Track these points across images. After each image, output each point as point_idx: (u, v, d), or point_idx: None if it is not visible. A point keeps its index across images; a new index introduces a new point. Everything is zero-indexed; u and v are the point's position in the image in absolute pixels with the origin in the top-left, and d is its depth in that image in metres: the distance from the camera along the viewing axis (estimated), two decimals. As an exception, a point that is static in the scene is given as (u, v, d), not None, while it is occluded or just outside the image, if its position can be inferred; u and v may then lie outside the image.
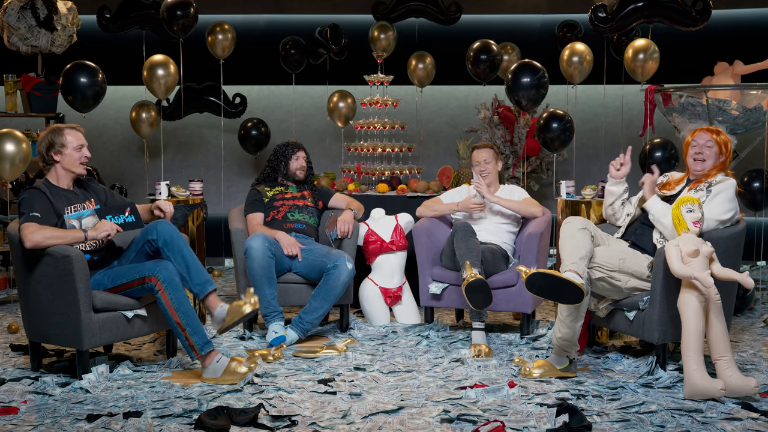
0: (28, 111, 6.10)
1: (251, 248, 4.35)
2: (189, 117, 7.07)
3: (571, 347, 3.71)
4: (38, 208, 3.66)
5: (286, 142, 4.95)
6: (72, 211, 3.79)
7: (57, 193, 3.79)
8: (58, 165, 3.82)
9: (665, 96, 5.64)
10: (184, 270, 3.74)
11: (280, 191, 4.85)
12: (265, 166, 5.00)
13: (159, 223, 3.81)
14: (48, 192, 3.74)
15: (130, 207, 3.86)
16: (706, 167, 3.88)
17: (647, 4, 5.67)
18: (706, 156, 3.87)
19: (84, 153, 3.84)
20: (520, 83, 5.47)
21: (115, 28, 6.70)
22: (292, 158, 4.87)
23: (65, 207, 3.78)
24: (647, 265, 3.76)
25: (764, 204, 5.57)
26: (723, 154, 3.87)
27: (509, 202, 4.57)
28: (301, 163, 4.88)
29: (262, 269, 4.32)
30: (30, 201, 3.69)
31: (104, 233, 3.67)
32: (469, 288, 4.01)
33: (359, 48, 7.02)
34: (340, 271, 4.39)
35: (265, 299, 4.34)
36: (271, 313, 4.36)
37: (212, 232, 6.08)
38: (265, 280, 4.34)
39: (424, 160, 6.97)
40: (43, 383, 3.62)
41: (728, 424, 3.10)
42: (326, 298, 4.39)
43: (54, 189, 3.80)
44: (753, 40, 7.06)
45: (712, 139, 3.86)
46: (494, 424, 3.05)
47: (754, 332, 4.65)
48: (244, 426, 3.10)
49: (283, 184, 4.90)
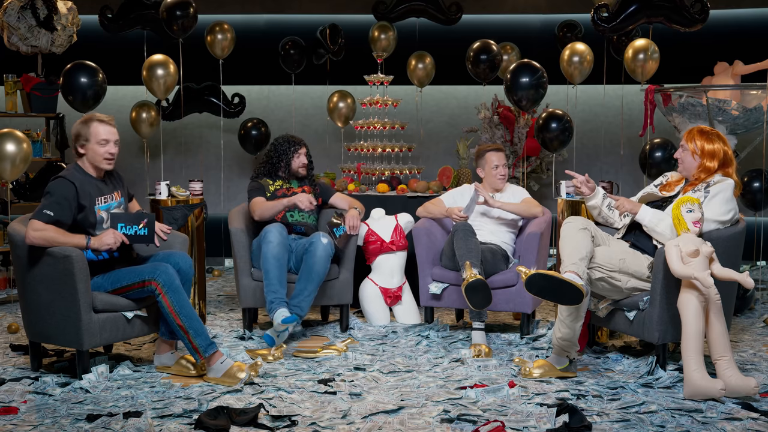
0: (28, 111, 6.11)
1: (269, 232, 4.37)
2: (189, 117, 7.07)
3: (571, 347, 3.71)
4: (56, 206, 3.58)
5: (286, 138, 4.88)
6: (103, 202, 3.74)
7: (88, 182, 3.71)
8: (84, 157, 3.74)
9: (665, 96, 5.65)
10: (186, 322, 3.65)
11: (281, 186, 4.82)
12: (265, 160, 4.91)
13: (181, 258, 3.80)
14: (78, 183, 3.65)
15: (148, 220, 3.75)
16: (684, 171, 3.86)
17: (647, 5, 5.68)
18: (683, 159, 3.86)
19: (109, 149, 3.71)
20: (519, 83, 5.47)
21: (117, 28, 6.71)
22: (294, 157, 4.83)
23: (96, 197, 3.71)
24: (647, 265, 3.75)
25: (764, 204, 5.57)
26: (700, 157, 3.79)
27: (510, 206, 4.57)
28: (303, 160, 4.85)
29: (277, 253, 4.32)
30: (53, 194, 3.60)
31: (106, 246, 3.63)
32: (469, 288, 4.01)
33: (359, 48, 7.02)
34: (315, 247, 4.37)
35: (272, 285, 4.30)
36: (275, 299, 4.29)
37: (212, 232, 6.08)
38: (276, 265, 4.31)
39: (424, 160, 6.97)
40: (43, 383, 3.62)
41: (728, 424, 3.10)
42: (308, 278, 4.35)
43: (86, 177, 3.72)
44: (753, 40, 7.06)
45: (686, 143, 3.84)
46: (494, 424, 3.05)
47: (754, 332, 4.65)
48: (244, 426, 3.10)
49: (285, 178, 4.87)
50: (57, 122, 6.26)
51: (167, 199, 4.86)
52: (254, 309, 4.73)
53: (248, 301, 4.60)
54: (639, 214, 3.83)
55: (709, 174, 3.78)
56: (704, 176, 3.78)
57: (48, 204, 3.59)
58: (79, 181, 3.67)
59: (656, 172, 5.51)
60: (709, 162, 3.78)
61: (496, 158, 4.64)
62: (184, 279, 3.79)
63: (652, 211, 3.81)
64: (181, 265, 3.79)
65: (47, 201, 3.60)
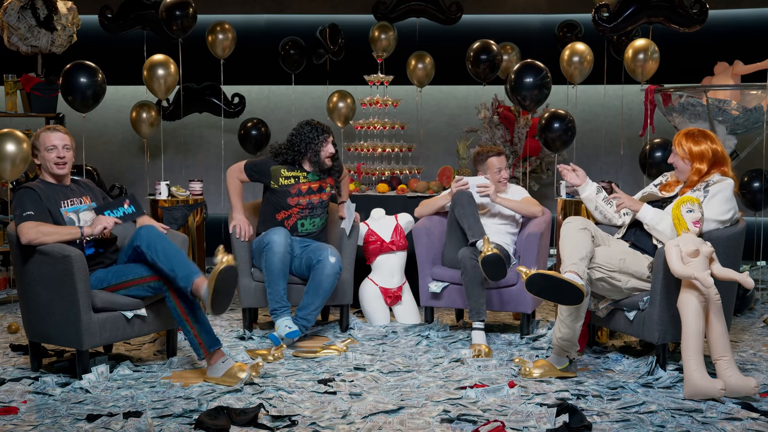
0: (28, 111, 6.10)
1: (273, 242, 4.32)
2: (189, 117, 7.07)
3: (571, 347, 3.71)
4: (30, 206, 3.66)
5: (313, 125, 4.58)
6: (69, 205, 3.79)
7: (51, 188, 3.79)
8: (41, 167, 3.86)
9: (665, 96, 5.65)
10: (169, 266, 3.65)
11: (296, 178, 4.58)
12: (286, 146, 4.59)
13: (142, 228, 3.77)
14: (40, 189, 3.75)
15: (129, 198, 3.85)
16: (679, 175, 3.86)
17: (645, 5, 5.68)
18: (676, 164, 3.86)
19: (57, 153, 3.79)
20: (523, 83, 5.47)
21: (117, 28, 6.71)
22: (323, 145, 4.55)
23: (61, 201, 3.78)
24: (647, 265, 3.75)
25: (764, 204, 5.57)
26: (690, 161, 3.78)
27: (510, 202, 4.57)
28: (331, 149, 4.59)
29: (282, 263, 4.31)
30: (21, 201, 3.69)
31: (100, 228, 3.67)
32: (486, 261, 4.05)
33: (359, 48, 7.02)
34: (323, 265, 4.36)
35: (278, 294, 4.32)
36: (281, 308, 4.32)
37: (212, 232, 6.07)
38: (281, 275, 4.33)
39: (424, 160, 6.96)
40: (43, 383, 3.62)
41: (728, 424, 3.10)
42: (316, 293, 4.37)
43: (48, 185, 3.81)
44: (753, 40, 7.06)
45: (675, 148, 3.83)
46: (494, 424, 3.05)
47: (754, 332, 4.65)
48: (244, 426, 3.09)
49: (303, 169, 4.61)
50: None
51: (167, 199, 4.86)
52: (254, 309, 4.73)
53: (248, 301, 4.60)
54: (640, 212, 3.83)
55: (702, 175, 3.78)
56: (697, 178, 3.79)
57: (23, 208, 3.66)
58: (40, 188, 3.76)
59: (656, 172, 5.51)
60: (699, 164, 3.78)
61: (498, 162, 4.63)
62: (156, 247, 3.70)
63: (653, 209, 3.81)
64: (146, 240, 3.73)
65: (20, 206, 3.68)
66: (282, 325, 4.26)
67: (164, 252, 3.67)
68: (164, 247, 3.69)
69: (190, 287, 3.63)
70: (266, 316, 5.11)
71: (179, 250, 3.72)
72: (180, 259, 3.68)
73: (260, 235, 4.55)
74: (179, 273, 3.65)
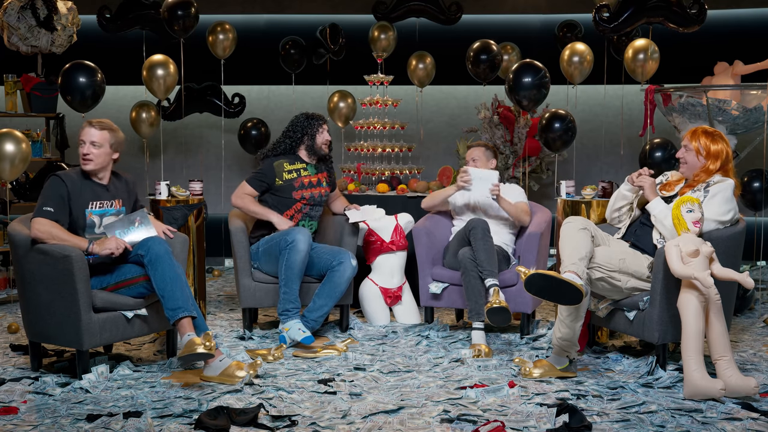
0: (28, 111, 6.11)
1: (298, 241, 4.30)
2: (189, 117, 7.07)
3: (571, 347, 3.71)
4: (52, 202, 3.65)
5: (306, 114, 4.71)
6: (96, 207, 3.78)
7: (85, 184, 3.76)
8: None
9: (665, 96, 5.65)
10: (160, 291, 3.64)
11: (297, 171, 4.64)
12: (282, 139, 4.71)
13: (150, 240, 3.74)
14: (71, 182, 3.72)
15: (139, 217, 3.83)
16: (687, 171, 3.86)
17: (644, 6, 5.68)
18: (686, 159, 3.86)
19: (84, 149, 3.76)
20: (522, 83, 5.47)
21: (116, 28, 6.70)
22: (318, 132, 4.66)
23: (90, 201, 3.76)
24: (647, 265, 3.75)
25: (764, 204, 5.57)
26: (705, 158, 3.79)
27: (506, 203, 4.56)
28: (327, 136, 4.68)
29: (303, 263, 4.32)
30: (47, 192, 3.68)
31: (107, 251, 3.65)
32: (492, 311, 4.08)
33: (359, 48, 7.02)
34: (345, 268, 4.39)
35: (293, 294, 4.31)
36: (293, 308, 4.31)
37: (212, 232, 6.08)
38: (299, 275, 4.33)
39: (424, 160, 6.96)
40: (43, 383, 3.62)
41: (728, 424, 3.10)
42: (330, 296, 4.39)
43: (83, 180, 3.77)
44: (753, 40, 7.06)
45: (690, 143, 3.83)
46: (494, 424, 3.05)
47: (754, 332, 4.65)
48: (244, 426, 3.10)
49: (303, 160, 4.70)
50: (57, 122, 6.26)
51: (167, 199, 4.86)
52: (254, 309, 4.73)
53: (248, 301, 4.59)
54: (652, 202, 3.84)
55: (709, 175, 3.79)
56: (705, 177, 3.79)
57: (46, 201, 3.66)
58: (73, 181, 3.73)
59: (656, 172, 5.51)
60: (713, 164, 3.79)
61: (475, 153, 4.73)
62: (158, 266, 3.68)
63: (664, 204, 3.82)
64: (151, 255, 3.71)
65: (44, 199, 3.67)
66: (295, 328, 4.23)
67: (162, 275, 3.64)
68: (164, 269, 3.65)
69: (172, 321, 3.64)
70: (266, 316, 5.11)
71: (178, 276, 3.66)
72: (175, 287, 3.63)
73: (270, 235, 4.55)
74: (168, 303, 3.63)
